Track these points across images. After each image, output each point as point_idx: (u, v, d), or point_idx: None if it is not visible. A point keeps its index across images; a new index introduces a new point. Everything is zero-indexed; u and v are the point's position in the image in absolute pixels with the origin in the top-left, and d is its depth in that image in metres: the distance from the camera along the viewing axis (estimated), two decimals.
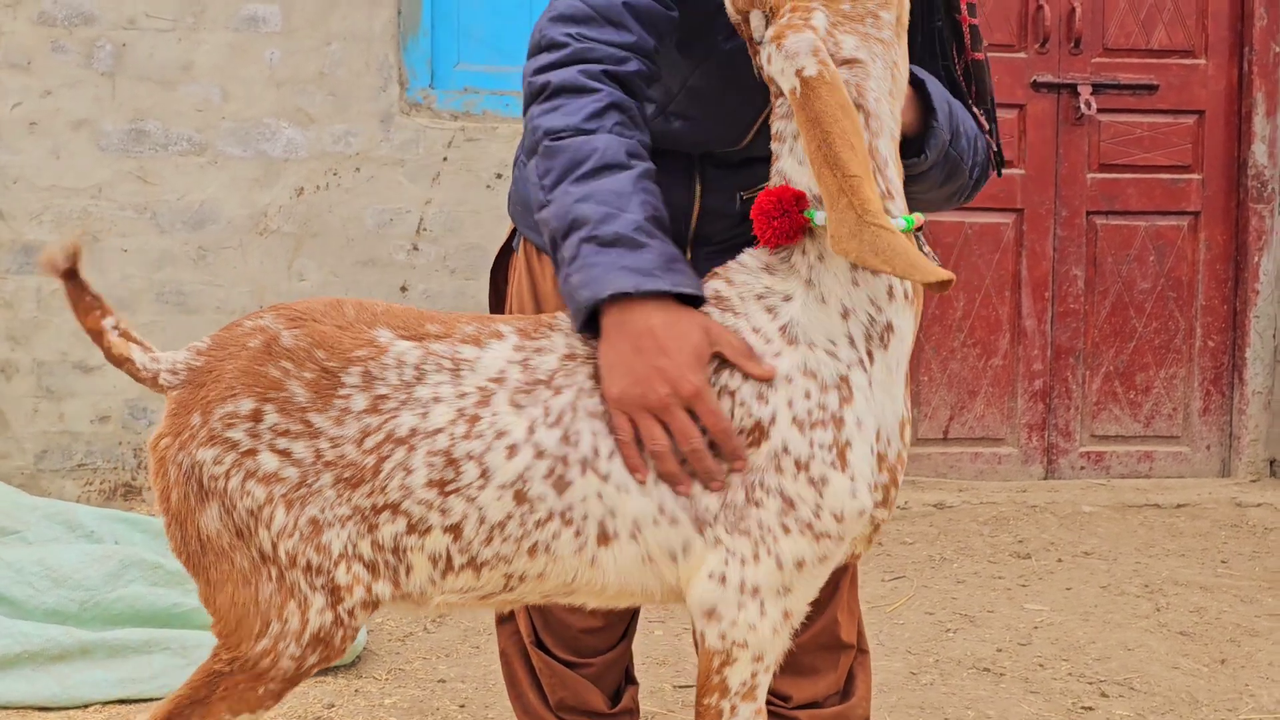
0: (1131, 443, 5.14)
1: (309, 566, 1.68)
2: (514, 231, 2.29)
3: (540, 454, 1.68)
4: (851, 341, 1.69)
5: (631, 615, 2.35)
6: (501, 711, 2.92)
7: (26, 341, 4.51)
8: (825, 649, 2.27)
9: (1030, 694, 3.09)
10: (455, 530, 1.69)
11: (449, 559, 1.71)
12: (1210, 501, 4.82)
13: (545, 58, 1.84)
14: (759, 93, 1.92)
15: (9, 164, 4.51)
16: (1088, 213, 5.07)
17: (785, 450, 1.66)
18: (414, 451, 1.68)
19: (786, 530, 1.66)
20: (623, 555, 1.70)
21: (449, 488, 1.68)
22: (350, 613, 1.71)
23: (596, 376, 1.71)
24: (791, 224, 1.70)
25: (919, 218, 1.77)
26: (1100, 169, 5.06)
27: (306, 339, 1.72)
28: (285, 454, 1.69)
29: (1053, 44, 4.99)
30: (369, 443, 1.69)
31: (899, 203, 1.76)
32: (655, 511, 1.69)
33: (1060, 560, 4.20)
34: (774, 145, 1.79)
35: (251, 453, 1.69)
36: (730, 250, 1.84)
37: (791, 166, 1.75)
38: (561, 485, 1.69)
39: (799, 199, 1.72)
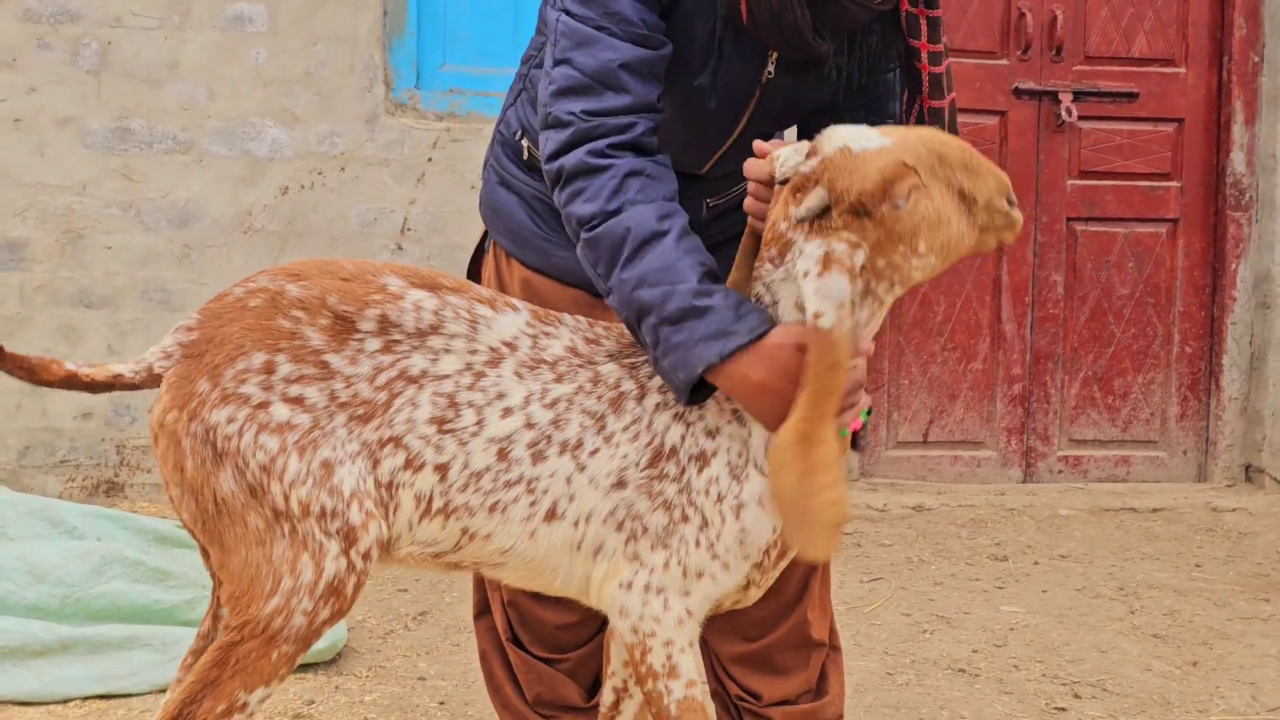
0: (1109, 447, 5.18)
1: (323, 513, 1.75)
2: (485, 233, 2.34)
3: (530, 425, 1.83)
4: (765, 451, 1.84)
5: None
6: (481, 709, 2.94)
7: (10, 337, 4.52)
8: (796, 647, 2.29)
9: (1004, 694, 3.13)
10: (443, 470, 1.82)
11: (430, 501, 1.83)
12: (1186, 506, 4.87)
13: (553, 139, 1.90)
14: (723, 128, 1.99)
15: None
16: (1068, 219, 5.11)
17: (716, 480, 1.84)
18: (423, 390, 1.82)
19: (698, 544, 1.84)
20: (556, 535, 1.85)
21: (447, 426, 1.82)
22: (364, 555, 1.78)
23: (597, 381, 1.86)
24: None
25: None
26: (1080, 175, 5.10)
27: (316, 288, 1.81)
28: (298, 401, 1.77)
29: (1034, 51, 5.04)
30: (382, 379, 1.81)
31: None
32: (608, 512, 1.85)
33: (1037, 563, 4.24)
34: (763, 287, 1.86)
35: (264, 405, 1.76)
36: None
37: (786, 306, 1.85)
38: (538, 457, 1.83)
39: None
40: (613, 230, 1.83)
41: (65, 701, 2.95)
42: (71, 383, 1.83)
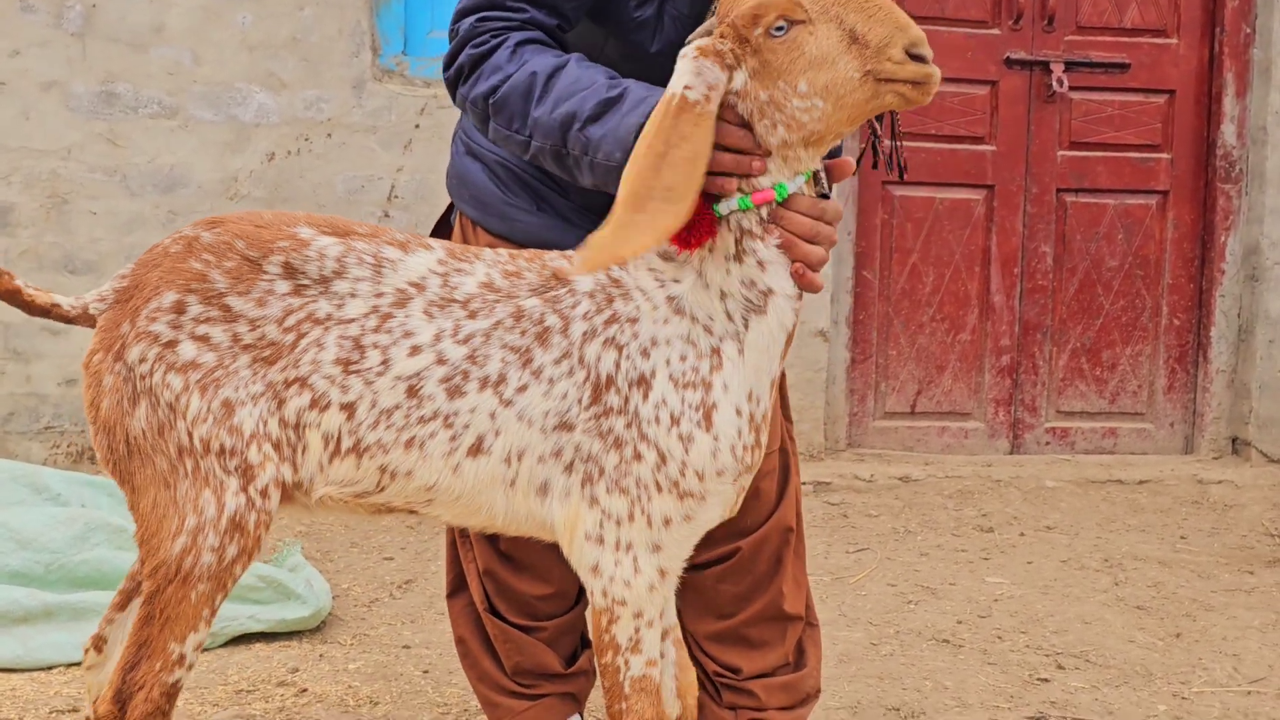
0: (1096, 419, 5.19)
1: (222, 450, 1.80)
2: (450, 205, 2.36)
3: (441, 361, 1.84)
4: (729, 316, 1.82)
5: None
6: (464, 677, 2.94)
7: None
8: (771, 621, 2.30)
9: (988, 665, 3.14)
10: (350, 409, 1.84)
11: (339, 441, 1.85)
12: (1172, 478, 4.88)
13: (450, 49, 2.02)
14: (668, 69, 1.98)
15: None
16: (1058, 190, 5.10)
17: (664, 402, 1.80)
18: (328, 332, 1.84)
19: (659, 488, 1.81)
20: (484, 471, 1.85)
21: (352, 367, 1.84)
22: (262, 492, 1.82)
23: (520, 316, 1.85)
24: (701, 226, 1.80)
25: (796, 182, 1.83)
26: (1071, 147, 5.08)
27: (226, 234, 1.86)
28: (204, 339, 1.82)
29: (1026, 21, 5.01)
30: (290, 321, 1.84)
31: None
32: (550, 451, 1.84)
33: (1022, 534, 4.25)
34: None
35: (172, 344, 1.82)
36: None
37: None
38: (454, 392, 1.84)
39: (706, 198, 1.79)
40: (517, 82, 1.90)
41: (49, 668, 2.95)
42: (14, 298, 1.91)
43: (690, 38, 1.83)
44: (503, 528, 1.93)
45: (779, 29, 1.73)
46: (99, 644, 2.09)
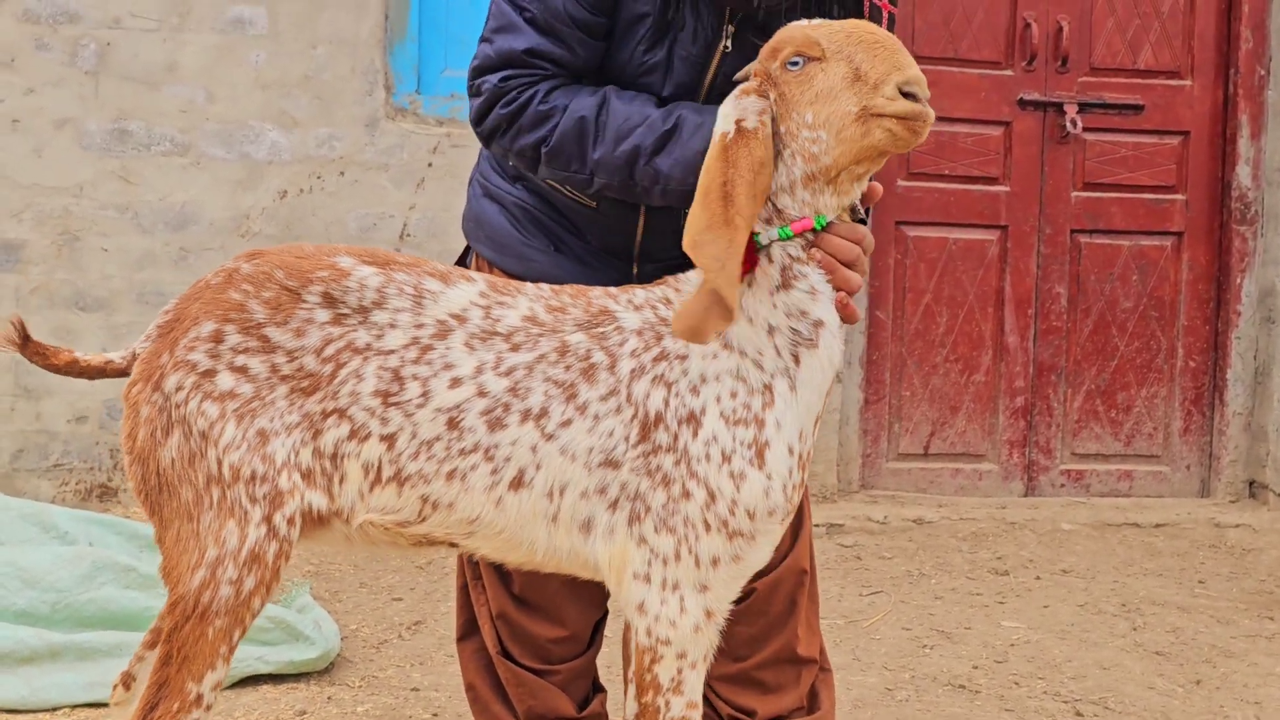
0: (1112, 461, 5.15)
1: (253, 476, 1.80)
2: (467, 249, 2.37)
3: (482, 393, 1.83)
4: (778, 352, 1.83)
5: (597, 624, 2.34)
6: None
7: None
8: (785, 664, 2.27)
9: (1005, 711, 3.09)
10: (390, 440, 1.84)
11: (379, 470, 1.84)
12: (1189, 521, 4.83)
13: (475, 105, 2.07)
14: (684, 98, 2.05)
15: None
16: (1072, 231, 5.08)
17: (714, 439, 1.80)
18: (367, 362, 1.84)
19: (708, 527, 1.79)
20: (526, 505, 1.84)
21: (392, 399, 1.83)
22: (289, 520, 1.81)
23: (565, 351, 1.84)
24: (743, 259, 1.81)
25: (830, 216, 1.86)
26: (1085, 188, 5.07)
27: (265, 264, 1.87)
28: (242, 370, 1.82)
29: (1040, 62, 5.00)
30: (329, 351, 1.84)
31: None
32: (595, 488, 1.83)
33: (1038, 578, 4.20)
34: None
35: (210, 373, 1.82)
36: (672, 268, 1.95)
37: None
38: (495, 424, 1.83)
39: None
40: (566, 129, 1.97)
41: (54, 709, 2.91)
42: (72, 367, 1.93)
43: (739, 76, 1.89)
44: (542, 563, 1.91)
45: (794, 63, 1.79)
46: (128, 681, 2.08)
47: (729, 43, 2.05)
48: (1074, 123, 4.95)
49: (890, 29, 2.03)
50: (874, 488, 5.02)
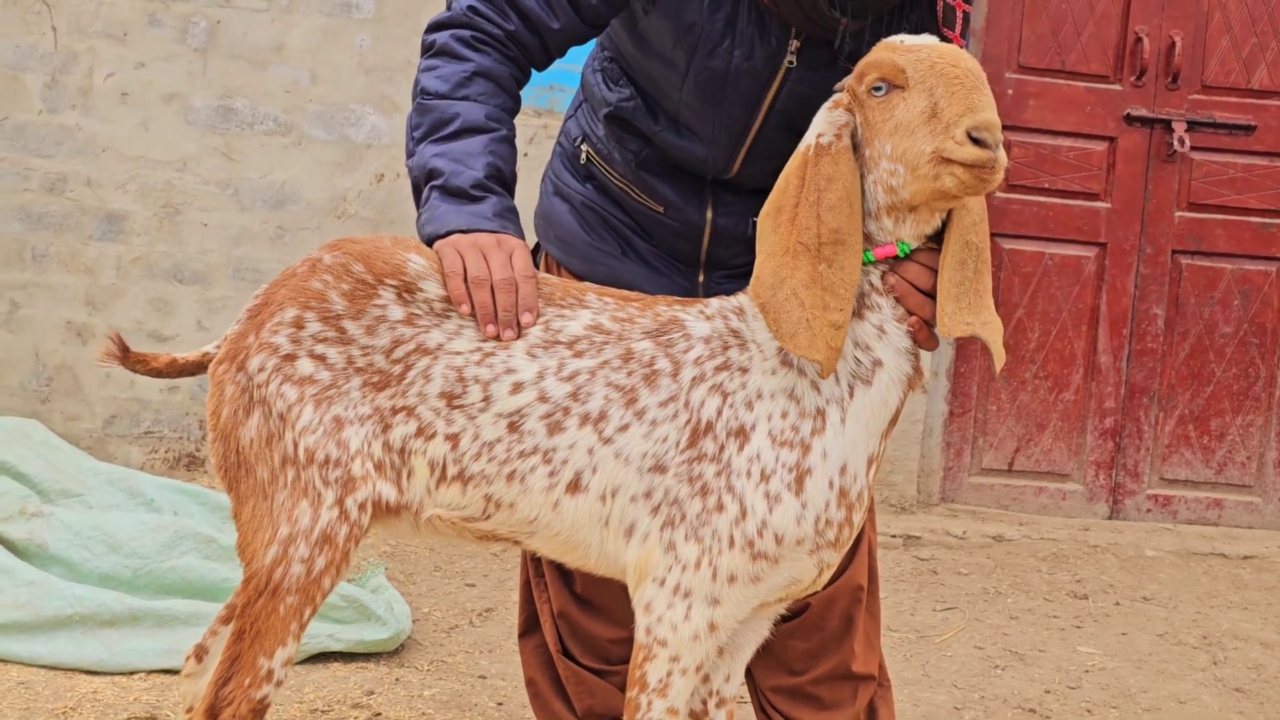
0: (1201, 488, 5.03)
1: (327, 460, 1.83)
2: (536, 246, 2.36)
3: (543, 398, 1.85)
4: (836, 378, 1.81)
5: None
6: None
7: (105, 307, 4.58)
8: (841, 680, 2.26)
9: None
10: (454, 440, 1.86)
11: (444, 468, 1.87)
12: (1278, 555, 4.70)
13: (439, 16, 2.08)
14: (741, 120, 2.06)
15: (99, 132, 4.58)
16: (1173, 251, 4.96)
17: (758, 457, 1.79)
18: (436, 363, 1.86)
19: (732, 543, 1.78)
20: (582, 509, 1.85)
21: (456, 402, 1.86)
22: (360, 506, 1.84)
23: (629, 357, 1.85)
24: None
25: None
26: (1189, 208, 4.95)
27: (344, 256, 1.91)
28: (321, 359, 1.86)
29: (1149, 78, 4.90)
30: (399, 352, 1.87)
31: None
32: (642, 492, 1.83)
33: (1118, 604, 4.12)
34: None
35: (291, 357, 1.86)
36: (744, 278, 1.93)
37: None
38: (554, 428, 1.85)
39: None
40: (444, 110, 1.99)
41: (131, 673, 2.98)
42: (172, 369, 2.00)
43: (838, 86, 1.88)
44: (595, 566, 1.92)
45: (877, 89, 1.76)
46: (200, 654, 2.13)
47: (793, 58, 2.02)
48: (1181, 141, 4.83)
49: (965, 29, 1.98)
50: (954, 501, 4.96)
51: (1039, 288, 4.91)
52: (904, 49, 1.77)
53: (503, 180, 1.99)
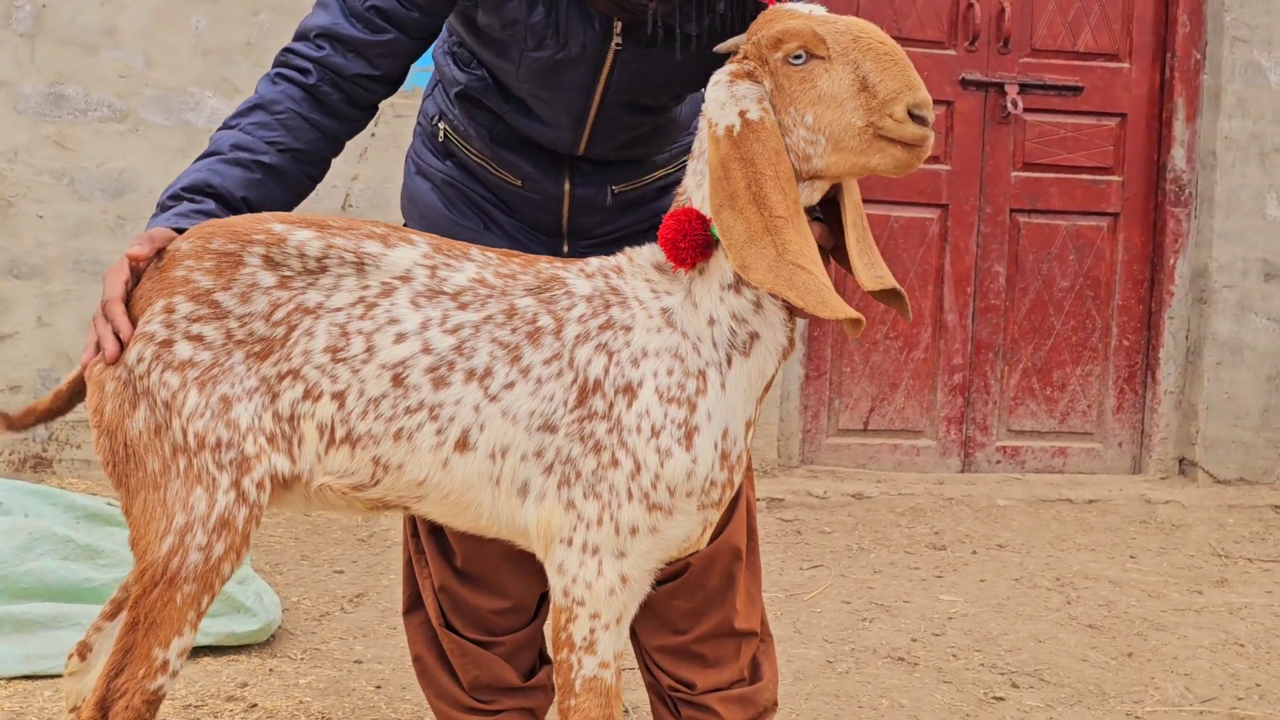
0: (1046, 438, 5.23)
1: (219, 443, 1.80)
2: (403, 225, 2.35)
3: (427, 350, 1.84)
4: (714, 345, 1.84)
5: (541, 596, 2.35)
6: (418, 692, 2.90)
7: None
8: (724, 637, 2.30)
9: (943, 684, 3.14)
10: (340, 398, 1.84)
11: (332, 430, 1.85)
12: (1121, 498, 4.92)
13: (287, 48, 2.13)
14: (579, 103, 2.10)
15: None
16: (1011, 210, 5.13)
17: (647, 413, 1.80)
18: (318, 320, 1.85)
19: (630, 496, 1.81)
20: (471, 467, 1.85)
21: (339, 355, 1.84)
22: (258, 485, 1.82)
23: (512, 313, 1.85)
24: (697, 244, 1.83)
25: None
26: (1024, 168, 5.13)
27: (200, 237, 1.87)
28: (198, 339, 1.82)
29: (982, 42, 5.05)
30: (279, 314, 1.84)
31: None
32: (533, 451, 1.83)
33: (975, 552, 4.26)
34: (687, 178, 1.89)
35: (168, 343, 1.82)
36: (609, 245, 1.98)
37: (699, 196, 1.86)
38: (440, 383, 1.84)
39: (702, 219, 1.83)
40: (215, 136, 2.04)
41: None
42: (58, 400, 1.96)
43: (719, 48, 1.88)
44: (487, 528, 1.92)
45: (797, 58, 1.76)
46: (84, 651, 2.07)
47: (619, 39, 2.05)
48: (1015, 103, 5.00)
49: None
50: (814, 463, 5.07)
51: (886, 250, 5.03)
52: (819, 19, 1.77)
53: (207, 192, 1.98)
